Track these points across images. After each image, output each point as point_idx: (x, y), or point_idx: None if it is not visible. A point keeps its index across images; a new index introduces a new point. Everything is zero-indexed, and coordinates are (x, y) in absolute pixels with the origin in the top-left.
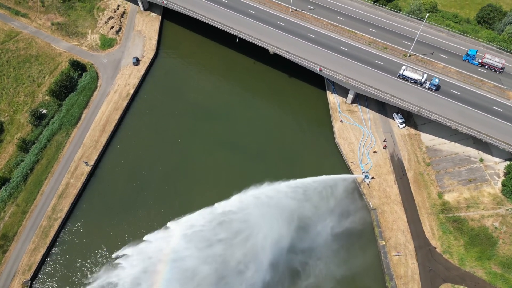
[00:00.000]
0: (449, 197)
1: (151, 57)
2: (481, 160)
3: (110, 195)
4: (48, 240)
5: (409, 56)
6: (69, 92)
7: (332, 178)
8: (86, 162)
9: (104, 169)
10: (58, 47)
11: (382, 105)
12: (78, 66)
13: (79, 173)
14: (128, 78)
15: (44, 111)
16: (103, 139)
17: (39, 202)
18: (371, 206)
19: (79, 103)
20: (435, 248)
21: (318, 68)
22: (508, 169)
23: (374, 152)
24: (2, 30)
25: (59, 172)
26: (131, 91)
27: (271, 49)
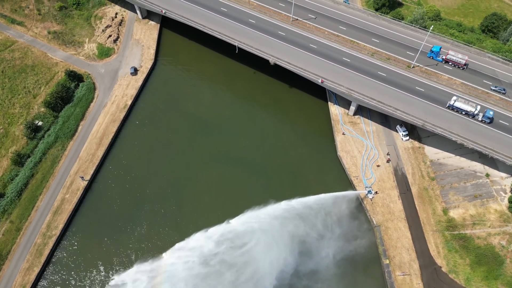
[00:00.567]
0: (454, 214)
1: (149, 66)
2: (487, 175)
3: (106, 211)
4: (43, 259)
5: (413, 67)
6: (65, 104)
7: (335, 195)
8: (82, 177)
9: (101, 184)
10: (54, 57)
11: (385, 117)
12: (74, 77)
13: (74, 188)
14: (125, 89)
15: (40, 123)
16: (100, 153)
17: (33, 218)
18: (375, 223)
19: (75, 115)
20: (441, 267)
21: (319, 80)
22: None
23: (377, 166)
24: None
25: (55, 187)
26: (129, 102)
27: (272, 60)
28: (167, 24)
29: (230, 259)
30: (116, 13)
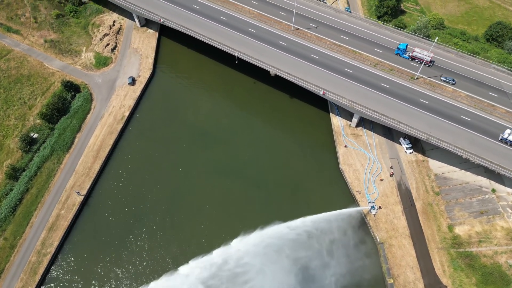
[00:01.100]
0: (460, 230)
1: (147, 76)
2: (493, 190)
3: (103, 227)
4: (37, 278)
5: (417, 78)
6: (62, 115)
7: (337, 213)
8: (78, 192)
9: (97, 199)
10: (51, 66)
11: (388, 129)
12: (71, 87)
13: (70, 204)
14: (123, 100)
15: (35, 136)
16: (97, 166)
17: (28, 235)
18: (378, 240)
19: (71, 127)
20: (446, 286)
21: (321, 92)
22: None
23: (381, 180)
24: None
25: (50, 202)
26: (126, 114)
27: (272, 71)
28: (166, 32)
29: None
30: (114, 21)
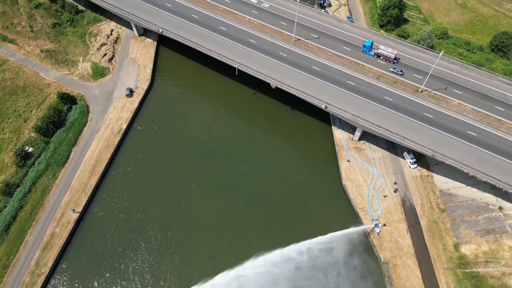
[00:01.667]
0: (466, 250)
1: (145, 87)
2: (500, 208)
3: (99, 246)
4: None
5: (421, 91)
6: (57, 128)
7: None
8: (73, 209)
9: (93, 215)
10: (47, 77)
11: (391, 142)
12: (67, 99)
13: (65, 221)
14: (120, 112)
15: (30, 150)
16: (93, 181)
17: (22, 255)
18: (382, 259)
19: (67, 140)
20: None
21: (323, 106)
22: None
23: (384, 196)
24: None
25: (44, 220)
26: (124, 126)
27: (273, 84)
28: (165, 41)
29: None
30: (112, 30)
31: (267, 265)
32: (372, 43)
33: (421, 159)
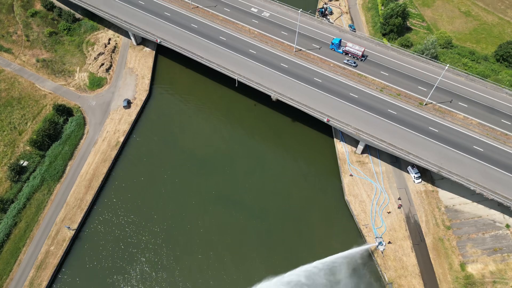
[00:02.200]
0: (472, 269)
1: (143, 98)
2: (508, 226)
3: (95, 264)
4: None
5: (425, 104)
6: (53, 141)
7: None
8: (68, 226)
9: (89, 232)
10: (42, 88)
11: (395, 156)
12: (63, 111)
13: (60, 239)
14: (118, 124)
15: (25, 164)
16: (89, 197)
17: (15, 274)
18: (386, 280)
19: (63, 154)
20: None
21: (325, 119)
22: None
23: (388, 212)
24: None
25: (39, 238)
26: (121, 139)
27: (274, 96)
28: (163, 50)
29: None
30: (109, 39)
31: None
32: (340, 41)
33: (426, 174)
